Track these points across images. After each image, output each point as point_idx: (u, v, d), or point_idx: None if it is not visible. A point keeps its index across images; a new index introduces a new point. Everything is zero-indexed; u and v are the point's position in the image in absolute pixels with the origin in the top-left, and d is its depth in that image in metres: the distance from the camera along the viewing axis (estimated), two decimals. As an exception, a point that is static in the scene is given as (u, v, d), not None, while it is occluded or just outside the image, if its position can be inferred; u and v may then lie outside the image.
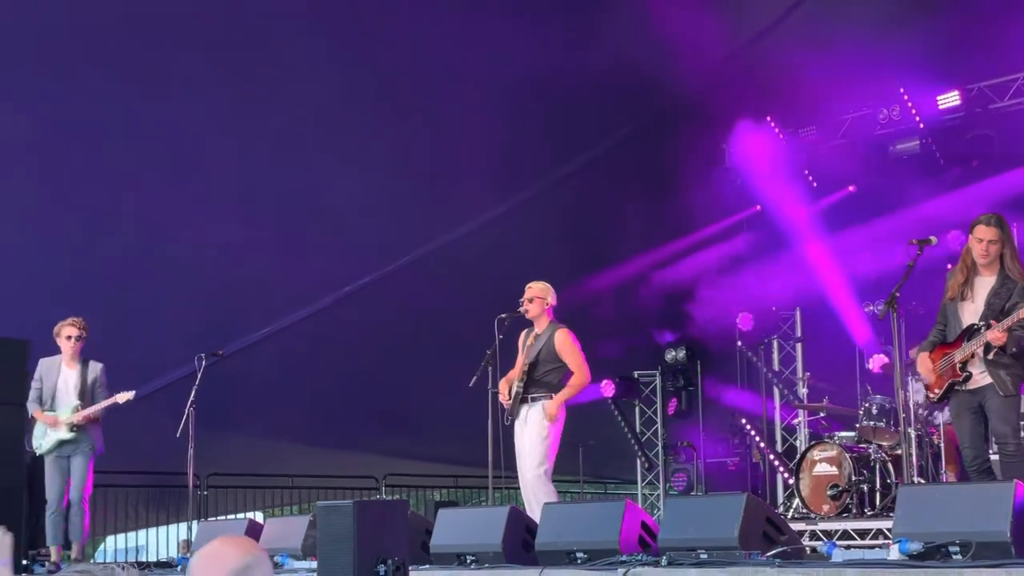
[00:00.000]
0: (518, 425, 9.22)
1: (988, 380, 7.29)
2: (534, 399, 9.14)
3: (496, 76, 13.37)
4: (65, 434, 10.25)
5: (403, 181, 13.94)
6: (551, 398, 9.10)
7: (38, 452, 10.34)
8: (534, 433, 9.05)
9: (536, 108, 13.75)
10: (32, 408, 10.38)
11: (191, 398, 10.60)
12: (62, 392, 10.40)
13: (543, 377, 9.19)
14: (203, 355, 10.82)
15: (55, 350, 10.57)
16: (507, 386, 9.31)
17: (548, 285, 9.41)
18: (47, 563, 10.25)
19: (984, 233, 7.42)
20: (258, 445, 15.12)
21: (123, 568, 3.11)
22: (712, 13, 14.03)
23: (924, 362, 7.66)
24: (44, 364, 10.49)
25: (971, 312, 7.49)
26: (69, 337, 10.38)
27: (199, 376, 10.73)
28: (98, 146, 12.35)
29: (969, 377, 7.37)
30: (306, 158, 13.40)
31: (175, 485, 13.62)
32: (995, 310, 7.33)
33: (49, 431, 10.27)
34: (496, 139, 13.78)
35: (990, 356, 7.26)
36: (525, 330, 9.49)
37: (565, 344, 9.17)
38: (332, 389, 14.76)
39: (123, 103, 12.21)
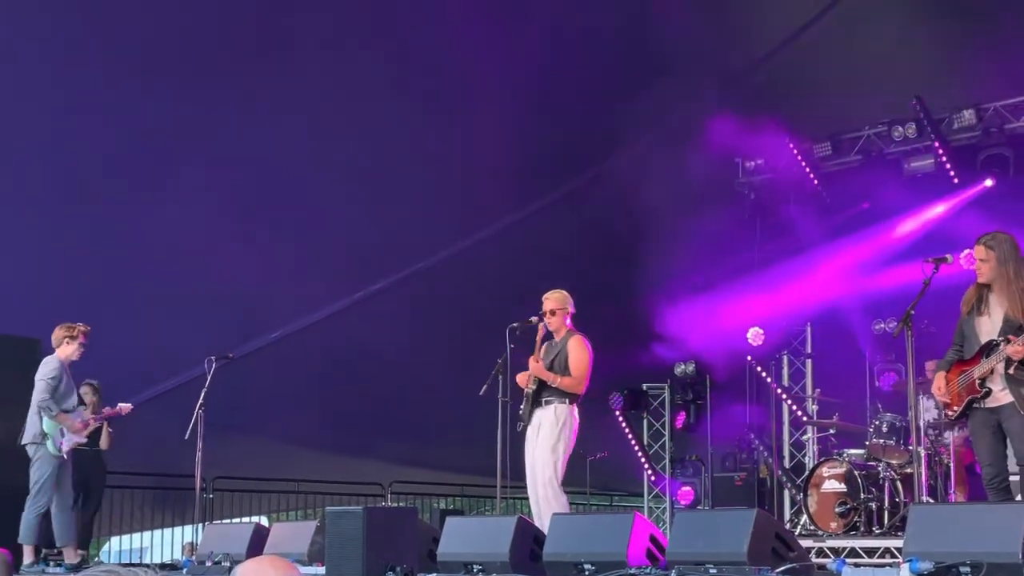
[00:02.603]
0: (530, 432, 9.17)
1: (1008, 399, 7.27)
2: (547, 403, 9.10)
3: (514, 85, 13.38)
4: (82, 439, 10.21)
5: (416, 188, 13.93)
6: (564, 403, 9.05)
7: (64, 455, 10.05)
8: (546, 442, 9.00)
9: (553, 120, 13.75)
10: (55, 409, 9.99)
11: (200, 401, 10.60)
12: (74, 398, 10.27)
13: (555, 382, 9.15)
14: (213, 358, 10.83)
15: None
16: (526, 377, 9.25)
17: (566, 294, 9.36)
18: (54, 562, 10.22)
19: (975, 252, 7.52)
20: (264, 449, 15.12)
21: (145, 571, 3.08)
22: (729, 29, 14.04)
23: (939, 381, 7.64)
24: (62, 365, 10.17)
25: (988, 327, 7.47)
26: (83, 345, 10.21)
27: (208, 379, 10.73)
28: (110, 148, 12.35)
29: (989, 393, 7.35)
30: (320, 162, 13.40)
31: (180, 487, 13.62)
32: (1013, 326, 7.31)
33: (71, 435, 10.06)
34: (512, 149, 13.77)
35: (1011, 371, 7.24)
36: (547, 343, 9.42)
37: (575, 347, 9.13)
38: (340, 394, 14.75)
39: (135, 106, 12.22)
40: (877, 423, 11.02)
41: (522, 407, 9.23)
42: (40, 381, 10.06)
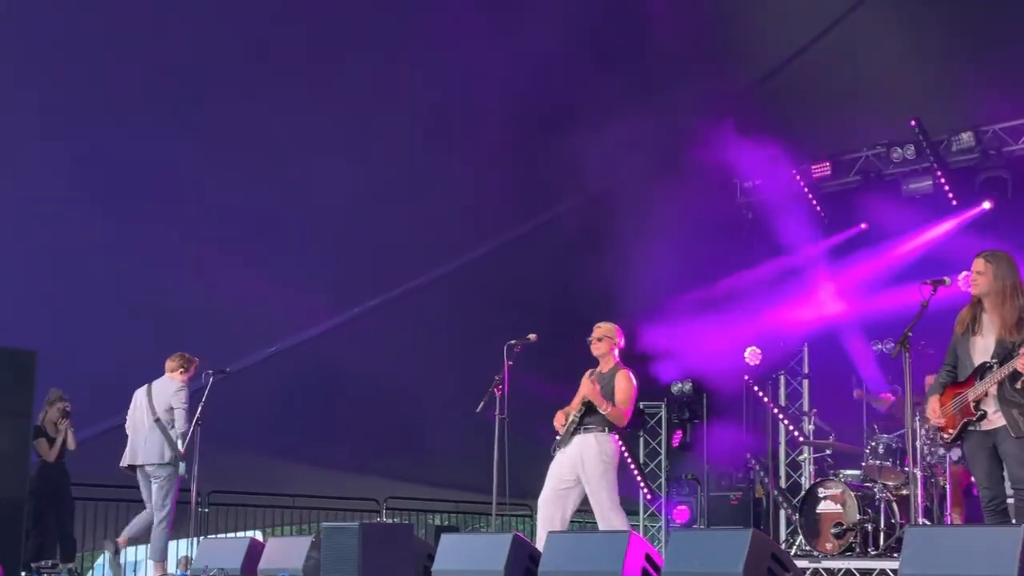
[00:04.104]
0: (563, 455, 9.17)
1: (1002, 421, 7.26)
2: (587, 429, 9.13)
3: (510, 101, 13.39)
4: None
5: (413, 206, 13.95)
6: (603, 431, 9.08)
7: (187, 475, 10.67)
8: (595, 474, 9.02)
9: (549, 137, 13.78)
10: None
11: (197, 415, 10.63)
12: None
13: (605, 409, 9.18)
14: (210, 372, 10.89)
15: (64, 362, 10.61)
16: (563, 416, 9.29)
17: (615, 326, 9.43)
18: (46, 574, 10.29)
19: (974, 265, 7.52)
20: (260, 464, 15.09)
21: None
22: (728, 49, 14.07)
23: (934, 404, 7.63)
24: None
25: (981, 348, 7.46)
26: (192, 378, 10.85)
27: (205, 393, 10.76)
28: (106, 162, 12.36)
29: (984, 416, 7.35)
30: (317, 180, 13.41)
31: (176, 501, 13.59)
32: (1006, 348, 7.31)
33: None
34: (508, 166, 13.80)
35: (1006, 395, 7.24)
36: (590, 370, 9.46)
37: (622, 380, 9.18)
38: (337, 410, 14.74)
39: (128, 120, 12.23)
40: (873, 444, 11.03)
41: (559, 435, 9.23)
42: (178, 409, 10.63)
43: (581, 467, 9.07)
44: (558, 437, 9.21)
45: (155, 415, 10.58)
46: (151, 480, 10.64)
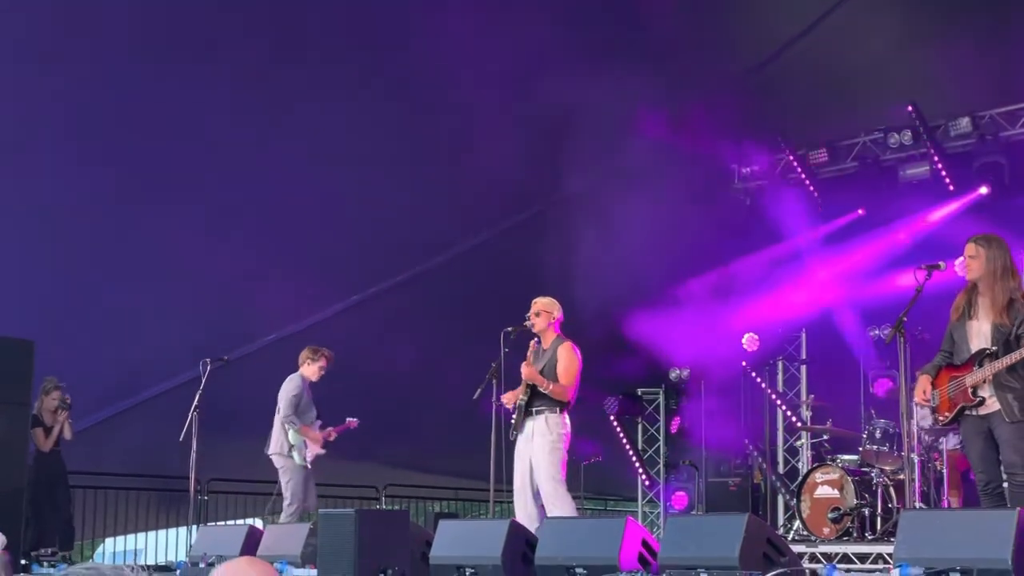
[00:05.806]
0: (521, 441, 9.21)
1: (997, 406, 7.29)
2: (538, 412, 9.14)
3: (505, 84, 13.38)
4: (322, 450, 11.04)
5: (412, 194, 13.94)
6: (555, 412, 9.10)
7: (309, 464, 10.96)
8: (541, 449, 9.05)
9: (550, 129, 13.78)
10: (298, 423, 10.90)
11: (195, 403, 10.67)
12: (313, 412, 11.11)
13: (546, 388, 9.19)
14: (208, 360, 10.92)
15: (62, 351, 10.63)
16: (512, 396, 9.31)
17: (554, 300, 9.45)
18: (47, 563, 10.34)
19: (966, 249, 7.54)
20: (259, 451, 15.08)
21: (132, 570, 3.09)
22: (725, 35, 14.05)
23: (924, 384, 7.66)
24: (304, 383, 11.07)
25: (977, 333, 7.48)
26: (323, 368, 11.14)
27: (204, 381, 10.79)
28: (105, 152, 12.35)
29: (982, 402, 7.37)
30: (316, 169, 13.41)
31: (175, 489, 13.63)
32: (1003, 334, 7.33)
33: (313, 446, 10.95)
34: (510, 154, 13.78)
35: (1001, 380, 7.26)
36: (533, 341, 9.48)
37: (564, 354, 9.20)
38: (335, 398, 14.72)
39: (127, 109, 12.21)
40: (870, 429, 11.05)
41: (514, 418, 9.26)
42: (283, 399, 10.96)
43: (531, 447, 9.11)
44: (513, 420, 9.25)
45: (278, 407, 10.94)
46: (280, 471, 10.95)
